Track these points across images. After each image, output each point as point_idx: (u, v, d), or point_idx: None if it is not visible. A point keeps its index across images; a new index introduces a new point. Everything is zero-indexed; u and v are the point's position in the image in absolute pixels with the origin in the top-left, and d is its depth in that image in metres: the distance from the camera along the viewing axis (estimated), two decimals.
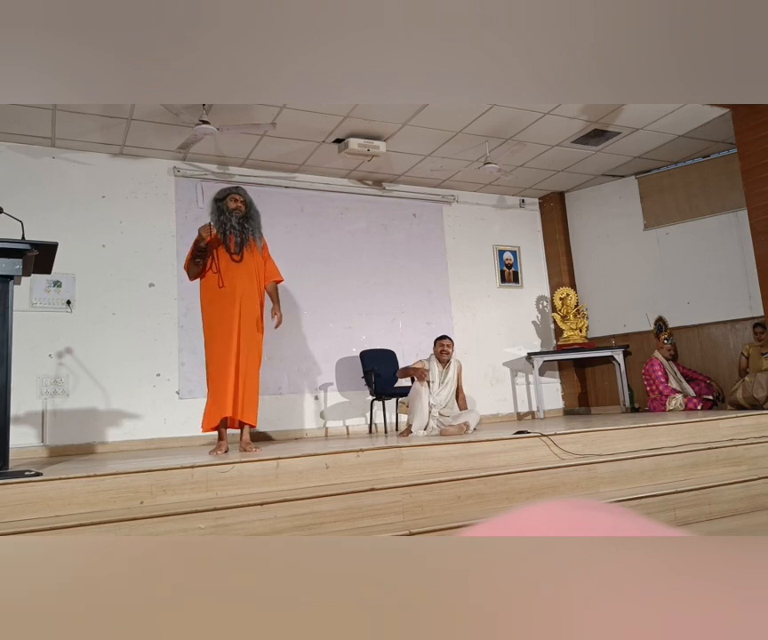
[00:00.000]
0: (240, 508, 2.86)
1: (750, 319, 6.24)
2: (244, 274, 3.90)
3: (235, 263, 3.88)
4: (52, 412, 5.19)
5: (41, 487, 2.75)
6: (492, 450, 3.69)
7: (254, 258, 3.97)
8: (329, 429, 6.19)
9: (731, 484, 3.69)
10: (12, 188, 5.24)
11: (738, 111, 5.53)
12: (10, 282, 3.02)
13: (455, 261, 7.16)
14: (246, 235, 3.93)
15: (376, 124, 5.50)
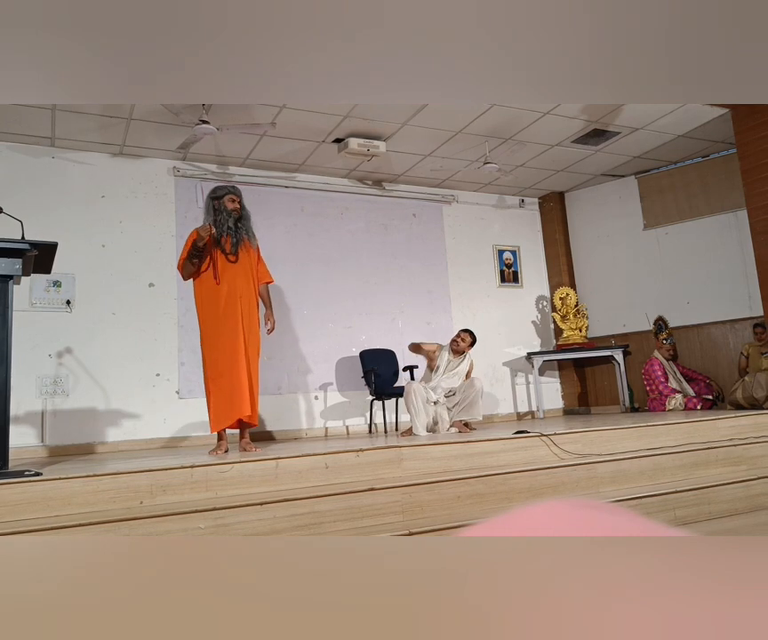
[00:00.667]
0: (240, 507, 2.86)
1: (750, 319, 6.25)
2: (241, 274, 3.91)
3: (231, 263, 3.89)
4: (52, 411, 5.19)
5: (41, 487, 2.75)
6: (491, 450, 3.69)
7: (249, 257, 3.98)
8: (329, 429, 6.19)
9: (730, 484, 3.69)
10: (11, 188, 5.24)
11: (737, 111, 5.53)
12: (9, 282, 3.01)
13: (455, 261, 7.16)
14: (241, 235, 3.94)
15: (376, 123, 5.50)
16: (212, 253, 3.88)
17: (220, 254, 3.88)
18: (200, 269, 3.89)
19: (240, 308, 3.83)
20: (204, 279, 3.88)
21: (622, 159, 6.73)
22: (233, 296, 3.83)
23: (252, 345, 3.87)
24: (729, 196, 6.51)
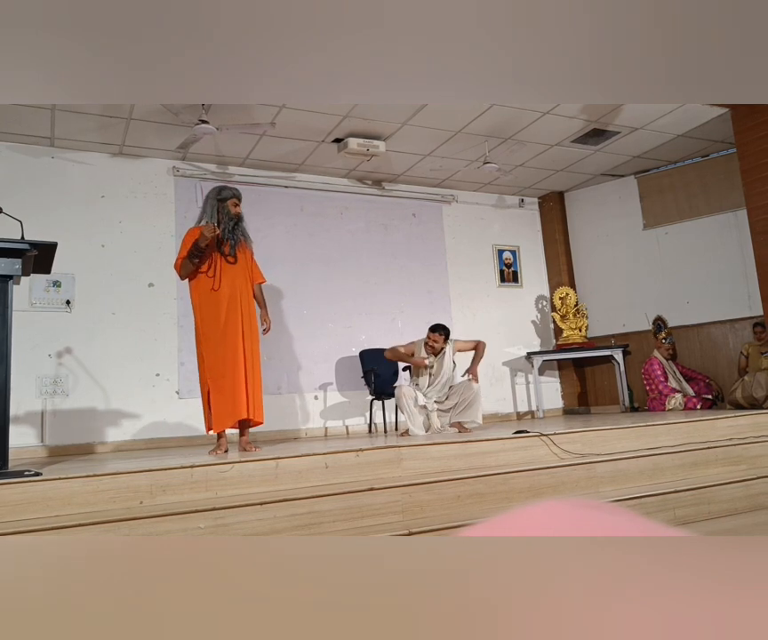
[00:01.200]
0: (240, 507, 2.86)
1: (750, 319, 6.25)
2: (239, 275, 3.92)
3: (230, 265, 3.90)
4: (52, 411, 5.19)
5: (40, 487, 2.75)
6: (491, 449, 3.69)
7: (246, 258, 4.00)
8: (328, 429, 6.19)
9: (730, 484, 3.69)
10: (11, 188, 5.24)
11: (737, 111, 5.53)
12: (9, 282, 3.01)
13: (455, 261, 7.16)
14: (239, 236, 3.96)
15: (375, 123, 5.50)
16: (213, 254, 3.88)
17: (219, 256, 3.89)
18: (198, 270, 3.89)
19: (239, 311, 3.84)
20: (202, 280, 3.87)
21: (622, 159, 6.73)
22: (234, 298, 3.84)
23: (252, 345, 3.88)
24: (729, 195, 6.51)
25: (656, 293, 6.99)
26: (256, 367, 3.89)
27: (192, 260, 3.84)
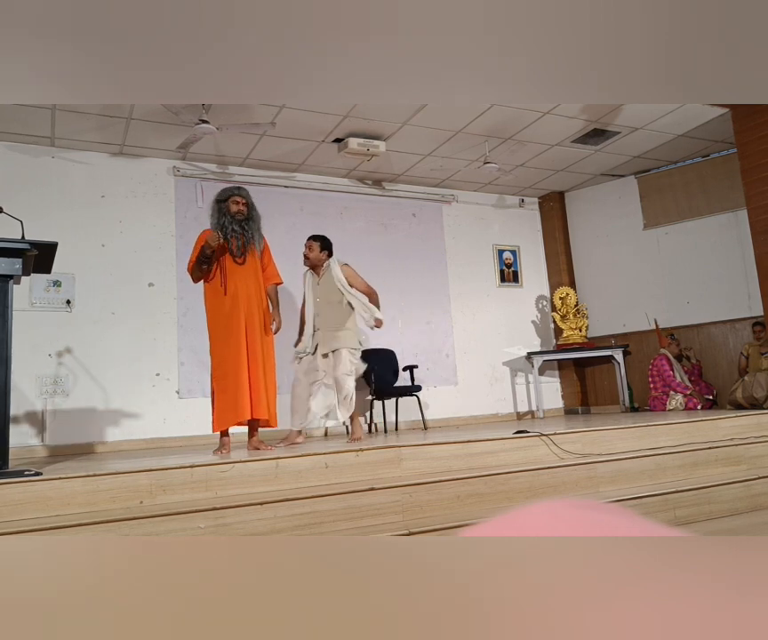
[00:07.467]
0: (240, 507, 2.86)
1: (750, 319, 6.25)
2: (248, 276, 3.90)
3: (238, 266, 3.88)
4: (52, 411, 5.19)
5: (41, 487, 2.75)
6: (491, 449, 3.69)
7: (255, 259, 3.97)
8: (329, 429, 6.18)
9: (730, 484, 3.69)
10: (11, 188, 5.24)
11: (737, 111, 5.53)
12: (9, 281, 3.01)
13: (455, 261, 7.16)
14: (248, 237, 3.92)
15: (376, 123, 5.50)
16: (220, 259, 3.86)
17: (227, 257, 3.87)
18: (210, 274, 3.88)
19: (245, 312, 3.82)
20: (214, 283, 3.88)
21: (622, 159, 6.73)
22: (238, 298, 3.82)
23: (264, 346, 3.87)
24: (729, 195, 6.51)
25: (656, 293, 6.99)
26: (268, 368, 3.88)
27: (200, 265, 3.84)
